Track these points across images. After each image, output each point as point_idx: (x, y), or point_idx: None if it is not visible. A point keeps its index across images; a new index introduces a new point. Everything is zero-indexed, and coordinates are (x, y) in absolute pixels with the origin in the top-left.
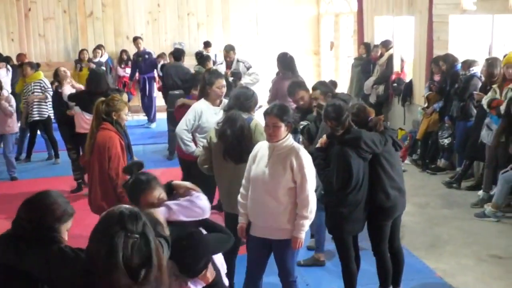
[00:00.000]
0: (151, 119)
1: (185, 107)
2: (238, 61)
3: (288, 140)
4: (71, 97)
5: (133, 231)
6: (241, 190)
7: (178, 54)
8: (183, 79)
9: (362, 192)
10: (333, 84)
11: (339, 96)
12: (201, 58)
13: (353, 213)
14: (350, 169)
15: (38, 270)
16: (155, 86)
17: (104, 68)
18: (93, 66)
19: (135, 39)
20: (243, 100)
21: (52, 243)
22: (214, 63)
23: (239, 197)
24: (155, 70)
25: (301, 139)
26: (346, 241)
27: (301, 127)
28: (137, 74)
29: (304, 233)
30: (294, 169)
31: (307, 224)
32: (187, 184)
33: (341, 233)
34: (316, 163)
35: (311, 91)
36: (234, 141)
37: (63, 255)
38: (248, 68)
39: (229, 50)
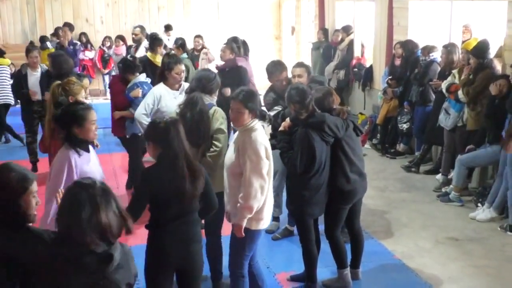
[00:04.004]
0: None
1: None
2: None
3: (251, 125)
4: None
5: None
6: None
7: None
8: None
9: (324, 176)
10: None
11: (315, 78)
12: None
13: (314, 197)
14: (314, 152)
15: (12, 250)
16: None
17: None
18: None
19: (64, 26)
20: (205, 83)
21: (20, 223)
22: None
23: None
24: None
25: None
26: (307, 223)
27: (274, 112)
28: None
29: (243, 221)
30: (240, 153)
31: (244, 212)
32: None
33: (303, 216)
34: (280, 146)
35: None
36: (193, 125)
37: (32, 235)
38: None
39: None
